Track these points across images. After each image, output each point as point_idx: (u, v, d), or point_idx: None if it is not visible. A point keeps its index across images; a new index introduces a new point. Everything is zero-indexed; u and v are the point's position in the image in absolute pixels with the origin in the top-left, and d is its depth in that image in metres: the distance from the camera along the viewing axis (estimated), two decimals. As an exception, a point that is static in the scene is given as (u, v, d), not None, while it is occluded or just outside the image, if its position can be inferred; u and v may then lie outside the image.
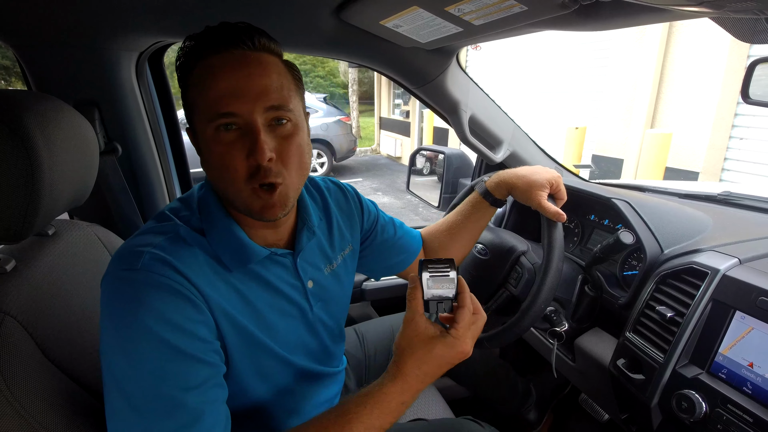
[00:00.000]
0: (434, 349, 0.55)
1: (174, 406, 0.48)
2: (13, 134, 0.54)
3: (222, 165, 0.54)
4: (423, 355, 0.55)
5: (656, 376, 0.75)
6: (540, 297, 0.80)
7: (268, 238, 0.65)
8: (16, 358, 0.52)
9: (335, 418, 0.54)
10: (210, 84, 0.53)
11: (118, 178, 0.99)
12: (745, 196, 1.14)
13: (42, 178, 0.56)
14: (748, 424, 0.63)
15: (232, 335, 0.58)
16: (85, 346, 0.65)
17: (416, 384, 0.56)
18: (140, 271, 0.51)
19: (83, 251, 0.77)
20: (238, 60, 0.53)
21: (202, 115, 0.54)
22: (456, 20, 0.76)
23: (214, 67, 0.53)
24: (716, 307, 0.72)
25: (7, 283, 0.59)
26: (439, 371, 0.57)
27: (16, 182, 0.55)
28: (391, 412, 0.55)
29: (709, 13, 0.50)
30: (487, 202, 0.90)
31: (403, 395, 0.55)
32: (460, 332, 0.56)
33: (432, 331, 0.57)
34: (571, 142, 5.07)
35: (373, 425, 0.53)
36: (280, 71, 0.57)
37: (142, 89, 1.04)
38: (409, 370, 0.55)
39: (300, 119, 0.59)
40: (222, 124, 0.53)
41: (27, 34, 0.88)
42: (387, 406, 0.54)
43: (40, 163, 0.56)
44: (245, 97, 0.52)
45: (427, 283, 0.58)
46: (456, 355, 0.56)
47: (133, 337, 0.48)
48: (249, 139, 0.53)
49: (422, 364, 0.55)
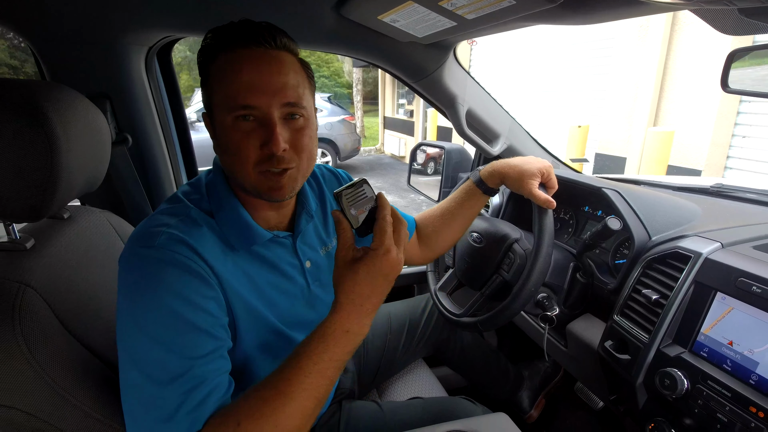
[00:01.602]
0: (360, 269, 0.54)
1: (181, 372, 0.52)
2: (33, 119, 0.58)
3: (237, 151, 0.58)
4: (352, 279, 0.55)
5: (641, 356, 0.78)
6: (530, 280, 0.84)
7: (271, 220, 0.69)
8: (37, 325, 0.56)
9: (288, 361, 0.55)
10: (232, 77, 0.57)
11: (128, 167, 1.03)
12: (737, 188, 1.16)
13: (60, 160, 0.60)
14: (726, 399, 0.66)
15: (239, 310, 0.62)
16: (99, 320, 0.69)
17: (355, 309, 0.55)
18: (158, 249, 0.55)
19: (96, 235, 0.81)
20: (260, 57, 0.58)
21: (222, 104, 0.58)
22: (450, 14, 0.79)
23: (237, 62, 0.57)
24: (698, 289, 0.75)
25: (28, 259, 0.63)
26: (377, 288, 0.56)
27: (36, 164, 0.59)
28: (337, 342, 0.54)
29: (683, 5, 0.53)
30: (480, 191, 0.94)
31: (345, 323, 0.55)
32: (380, 241, 0.55)
33: (354, 254, 0.56)
34: (573, 141, 5.08)
35: (322, 358, 0.53)
36: (296, 70, 0.61)
37: (151, 82, 1.09)
38: (343, 297, 0.55)
39: (311, 114, 0.64)
40: (241, 115, 0.57)
41: (43, 29, 0.93)
42: (332, 338, 0.54)
43: (58, 147, 0.60)
44: (264, 93, 0.57)
45: (350, 210, 0.57)
46: (385, 264, 0.55)
47: (149, 309, 0.52)
48: (265, 131, 0.58)
49: (354, 286, 0.55)
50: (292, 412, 0.52)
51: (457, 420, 0.72)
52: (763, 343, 0.66)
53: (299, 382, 0.52)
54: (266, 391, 0.52)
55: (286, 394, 0.52)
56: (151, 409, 0.50)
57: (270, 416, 0.51)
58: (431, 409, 0.90)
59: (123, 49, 0.99)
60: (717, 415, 0.67)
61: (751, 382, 0.66)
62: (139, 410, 0.51)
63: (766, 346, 0.66)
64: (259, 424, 0.50)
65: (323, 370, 0.53)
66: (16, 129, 0.56)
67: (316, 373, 0.53)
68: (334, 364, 0.54)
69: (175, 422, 0.50)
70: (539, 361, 1.42)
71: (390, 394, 1.10)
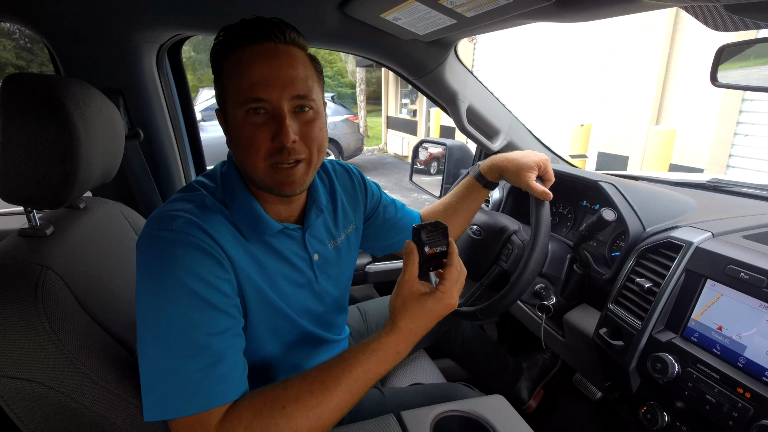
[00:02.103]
0: (426, 305, 0.61)
1: (200, 348, 0.55)
2: (56, 112, 0.62)
3: (248, 144, 0.61)
4: (416, 311, 0.61)
5: (634, 342, 0.81)
6: (527, 269, 0.87)
7: (282, 213, 0.72)
8: (57, 304, 0.60)
9: (337, 363, 0.60)
10: (243, 71, 0.59)
11: (139, 161, 1.07)
12: (733, 183, 1.19)
13: (80, 151, 0.64)
14: (715, 381, 0.69)
15: (250, 294, 0.65)
16: (114, 303, 0.73)
17: (410, 336, 0.62)
18: (175, 231, 0.58)
19: (110, 224, 0.85)
20: (270, 51, 0.60)
21: (234, 98, 0.61)
22: (449, 12, 0.82)
23: (248, 57, 0.59)
24: (689, 277, 0.78)
25: (48, 244, 0.67)
26: (431, 323, 0.63)
27: (57, 154, 0.62)
28: (387, 360, 0.61)
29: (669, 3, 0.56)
30: (480, 184, 0.97)
31: (398, 345, 0.62)
32: (448, 287, 0.62)
33: (423, 289, 0.63)
34: (576, 140, 5.09)
35: (370, 369, 0.60)
36: (305, 64, 0.64)
37: (162, 79, 1.13)
38: (403, 324, 0.61)
39: (320, 107, 0.66)
40: (252, 108, 0.60)
41: (59, 27, 0.96)
42: (383, 354, 0.61)
43: (79, 138, 0.64)
44: (274, 86, 0.59)
45: (428, 243, 0.63)
46: (444, 307, 0.62)
47: (167, 288, 0.55)
48: (275, 123, 0.60)
49: (415, 318, 0.62)
50: (333, 407, 0.57)
51: (455, 401, 0.75)
52: (750, 327, 0.69)
53: (346, 383, 0.58)
54: (315, 384, 0.57)
55: (332, 392, 0.57)
56: (172, 383, 0.53)
57: (315, 407, 0.56)
58: (431, 394, 0.93)
59: (135, 46, 1.03)
60: (706, 397, 0.70)
61: (739, 365, 0.69)
62: (160, 385, 0.53)
63: (754, 330, 0.68)
64: (304, 411, 0.55)
65: (367, 380, 0.59)
66: (41, 121, 0.60)
67: (361, 380, 0.59)
68: (375, 376, 0.60)
69: (198, 395, 0.53)
70: (538, 354, 1.45)
71: (392, 381, 1.14)
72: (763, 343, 0.67)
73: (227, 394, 0.55)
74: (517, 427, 0.71)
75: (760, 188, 1.11)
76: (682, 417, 0.76)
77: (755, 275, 0.69)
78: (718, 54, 0.71)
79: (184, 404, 0.53)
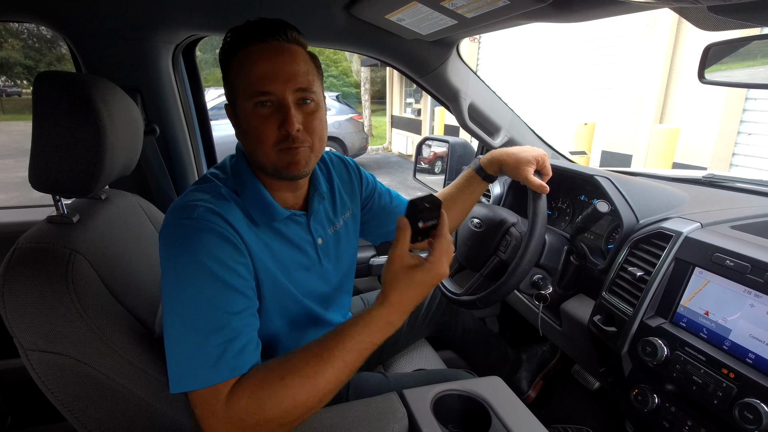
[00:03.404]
0: (415, 276, 0.63)
1: (221, 325, 0.60)
2: (85, 107, 0.67)
3: (257, 134, 0.67)
4: (407, 283, 0.63)
5: (626, 328, 0.85)
6: (524, 258, 0.91)
7: (288, 200, 0.78)
8: (86, 285, 0.65)
9: (331, 335, 0.63)
10: (250, 67, 0.65)
11: (155, 155, 1.13)
12: (727, 178, 1.22)
13: (105, 144, 0.69)
14: (701, 363, 0.73)
15: (263, 277, 0.71)
16: (135, 286, 0.78)
17: (401, 307, 0.63)
18: (196, 219, 0.63)
19: (129, 214, 0.90)
20: (274, 49, 0.66)
21: (242, 93, 0.66)
22: (451, 13, 0.86)
23: (255, 54, 0.65)
24: (678, 265, 0.82)
25: (75, 231, 0.72)
26: (422, 293, 0.64)
27: (86, 147, 0.68)
28: (380, 330, 0.63)
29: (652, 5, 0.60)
30: (479, 177, 1.01)
31: (390, 316, 0.63)
32: (437, 256, 0.64)
33: (413, 261, 0.64)
34: (580, 138, 5.10)
35: (363, 340, 0.62)
36: (306, 60, 0.70)
37: (177, 78, 1.18)
38: (394, 297, 0.63)
39: (320, 100, 0.72)
40: (260, 101, 0.65)
41: (80, 28, 1.02)
42: (375, 325, 0.63)
43: (105, 132, 0.69)
44: (279, 79, 0.65)
45: (421, 218, 0.65)
46: (434, 276, 0.63)
47: (190, 270, 0.60)
48: (281, 114, 0.66)
49: (406, 289, 0.63)
50: (330, 377, 0.60)
51: (454, 381, 0.79)
52: (735, 312, 0.73)
53: (340, 353, 0.61)
54: (310, 356, 0.61)
55: (327, 361, 0.60)
56: (196, 357, 0.58)
57: (311, 377, 0.59)
58: (433, 378, 0.97)
59: (153, 46, 1.08)
60: (693, 378, 0.73)
61: (724, 348, 0.73)
62: (185, 359, 0.58)
63: (738, 314, 0.72)
64: (301, 381, 0.58)
65: (361, 350, 0.62)
66: (71, 116, 0.65)
67: (355, 350, 0.61)
68: (369, 346, 0.63)
69: (219, 367, 0.58)
70: (538, 346, 1.49)
71: (395, 368, 1.18)
72: (746, 327, 0.70)
73: (242, 367, 0.60)
74: (514, 407, 0.75)
75: (752, 183, 1.14)
76: (671, 398, 0.79)
77: (739, 262, 0.72)
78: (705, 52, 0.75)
79: (207, 376, 0.57)
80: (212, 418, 0.57)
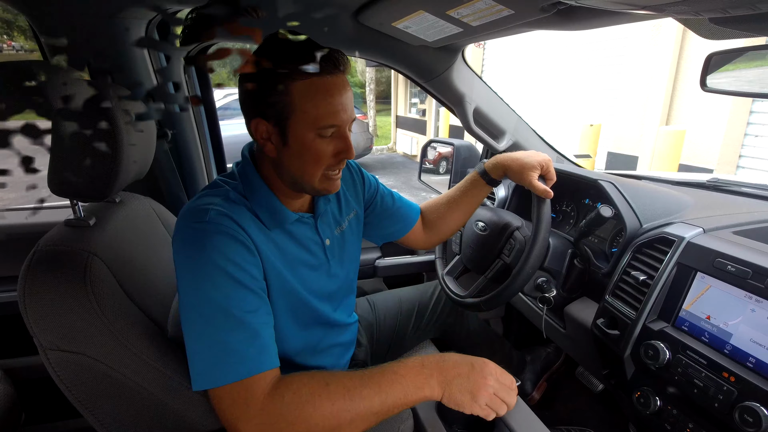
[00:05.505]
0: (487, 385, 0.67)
1: (239, 323, 0.62)
2: (103, 114, 0.69)
3: (316, 159, 0.70)
4: (463, 382, 0.67)
5: (629, 331, 0.86)
6: (528, 262, 0.92)
7: (295, 204, 0.80)
8: (104, 287, 0.67)
9: (378, 368, 0.66)
10: (323, 100, 0.67)
11: (167, 159, 1.15)
12: (732, 182, 1.23)
13: (122, 149, 0.71)
14: (703, 366, 0.74)
15: (273, 278, 0.73)
16: (150, 287, 0.80)
17: (446, 392, 0.67)
18: (208, 222, 0.65)
19: (143, 217, 0.93)
20: (341, 82, 0.69)
21: (307, 122, 0.67)
22: (456, 22, 0.88)
23: (327, 88, 0.67)
24: (681, 270, 0.83)
25: (92, 233, 0.75)
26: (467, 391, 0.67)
27: (103, 152, 0.70)
28: (420, 389, 0.66)
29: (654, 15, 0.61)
30: (483, 181, 1.03)
31: (433, 391, 0.66)
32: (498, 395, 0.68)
33: (507, 381, 0.71)
34: (586, 139, 5.09)
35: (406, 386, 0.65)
36: None
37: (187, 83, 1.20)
38: (454, 388, 0.67)
39: None
40: (326, 132, 0.69)
41: (41, 3, 0.89)
42: (421, 384, 0.65)
43: (121, 137, 0.71)
44: (344, 113, 0.70)
45: None
46: (475, 382, 0.68)
47: (205, 271, 0.63)
48: (341, 142, 0.71)
49: (460, 382, 0.67)
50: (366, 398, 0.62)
51: None
52: (736, 316, 0.74)
53: (377, 389, 0.63)
54: (353, 374, 0.64)
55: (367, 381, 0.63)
56: (218, 353, 0.60)
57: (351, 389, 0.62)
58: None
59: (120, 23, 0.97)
60: (694, 381, 0.75)
61: (725, 352, 0.74)
62: (207, 356, 0.60)
63: (739, 319, 0.73)
64: (342, 392, 0.61)
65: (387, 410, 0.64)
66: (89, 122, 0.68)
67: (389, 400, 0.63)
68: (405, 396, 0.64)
69: (246, 363, 0.60)
70: (542, 348, 1.50)
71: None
72: (747, 331, 0.71)
73: (269, 361, 0.62)
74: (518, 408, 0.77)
75: (757, 187, 1.15)
76: (672, 401, 0.81)
77: (741, 267, 0.73)
78: (707, 61, 0.76)
79: (231, 371, 0.59)
80: (245, 411, 0.59)
